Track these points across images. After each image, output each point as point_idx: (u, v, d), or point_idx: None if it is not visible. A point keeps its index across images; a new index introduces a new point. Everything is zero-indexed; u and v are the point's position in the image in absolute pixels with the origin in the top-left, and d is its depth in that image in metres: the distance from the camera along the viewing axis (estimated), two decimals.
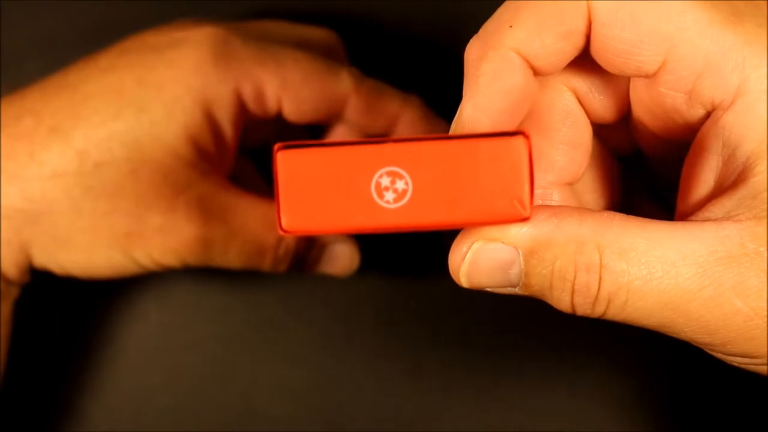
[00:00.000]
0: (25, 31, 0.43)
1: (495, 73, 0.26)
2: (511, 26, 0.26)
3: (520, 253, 0.26)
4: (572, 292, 0.26)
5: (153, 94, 0.34)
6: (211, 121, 0.35)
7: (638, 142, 0.31)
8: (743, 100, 0.25)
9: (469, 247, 0.26)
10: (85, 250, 0.34)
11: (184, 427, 0.43)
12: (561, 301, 0.26)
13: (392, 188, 0.25)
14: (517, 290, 0.27)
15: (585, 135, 0.30)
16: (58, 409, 0.42)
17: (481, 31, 0.27)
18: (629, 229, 0.25)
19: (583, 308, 0.26)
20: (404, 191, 0.25)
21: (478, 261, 0.26)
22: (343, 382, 0.43)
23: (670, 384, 0.43)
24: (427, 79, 0.42)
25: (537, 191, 0.29)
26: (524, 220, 0.24)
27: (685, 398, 0.42)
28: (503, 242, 0.26)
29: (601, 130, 0.31)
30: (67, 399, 0.42)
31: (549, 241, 0.25)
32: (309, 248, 0.37)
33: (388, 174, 0.25)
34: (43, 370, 0.42)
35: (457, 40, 0.42)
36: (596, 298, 0.26)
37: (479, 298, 0.43)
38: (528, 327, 0.43)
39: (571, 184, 0.30)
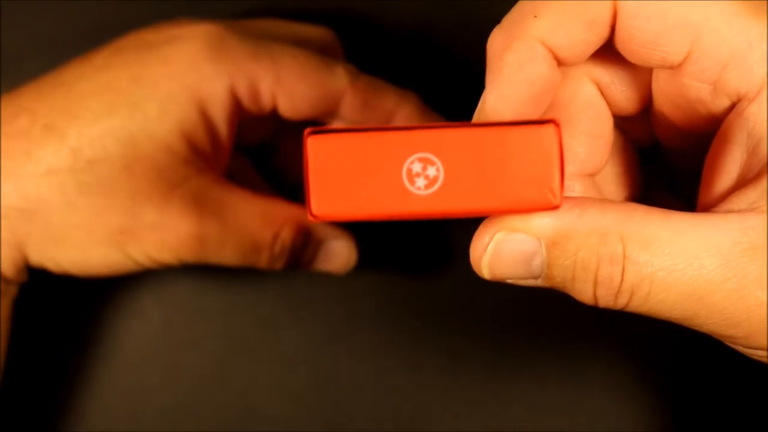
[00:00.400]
0: (25, 31, 0.43)
1: (520, 63, 0.26)
2: (535, 16, 0.26)
3: (543, 243, 0.25)
4: (595, 284, 0.26)
5: (147, 91, 0.34)
6: (205, 117, 0.35)
7: (658, 134, 0.31)
8: None
9: (491, 238, 0.26)
10: (81, 247, 0.34)
11: (183, 426, 0.42)
12: (583, 292, 0.26)
13: (423, 174, 0.24)
14: (538, 282, 0.26)
15: (606, 126, 0.30)
16: (57, 408, 0.42)
17: (505, 21, 0.27)
18: (652, 220, 0.25)
19: (605, 300, 0.26)
20: (435, 178, 0.24)
21: (501, 252, 0.26)
22: (342, 382, 0.43)
23: (672, 380, 0.42)
24: (425, 76, 0.42)
25: None
26: (554, 208, 0.24)
27: (687, 395, 0.42)
28: (526, 233, 0.25)
29: (621, 122, 0.31)
30: (66, 398, 0.42)
31: (571, 231, 0.25)
32: (305, 245, 0.37)
33: (420, 160, 0.24)
34: (42, 368, 0.42)
35: (454, 38, 0.42)
36: (619, 289, 0.25)
37: (480, 296, 0.42)
38: (528, 325, 0.43)
39: (592, 175, 0.30)
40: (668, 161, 0.32)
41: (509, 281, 0.27)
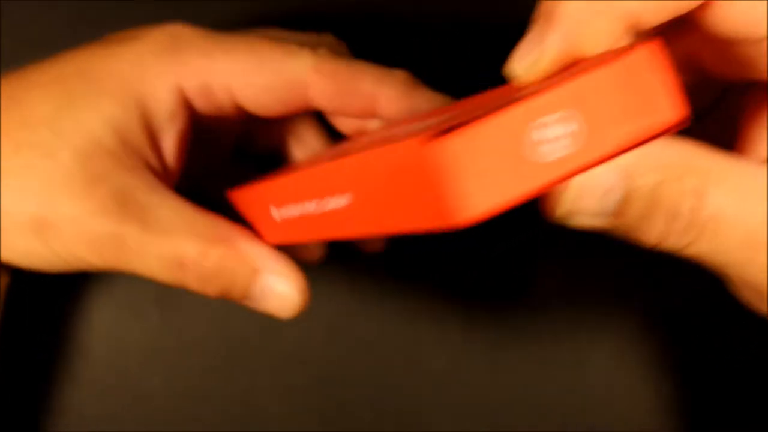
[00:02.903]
0: (25, 31, 0.43)
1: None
2: None
3: (623, 177, 0.26)
4: (670, 218, 0.26)
5: (87, 86, 0.33)
6: (144, 115, 0.34)
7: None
8: None
9: None
10: (5, 233, 0.33)
11: (183, 426, 0.43)
12: (652, 230, 0.26)
13: (554, 138, 0.22)
14: (605, 222, 0.27)
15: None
16: (57, 408, 0.42)
17: None
18: (730, 162, 0.25)
19: (674, 238, 0.26)
20: (571, 134, 0.22)
21: (579, 185, 0.26)
22: (342, 382, 0.43)
23: (679, 339, 0.43)
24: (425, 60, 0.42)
25: None
26: (685, 120, 0.23)
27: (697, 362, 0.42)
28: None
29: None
30: (66, 399, 0.42)
31: (653, 164, 0.25)
32: (237, 274, 0.33)
33: (542, 126, 0.22)
34: (42, 370, 0.42)
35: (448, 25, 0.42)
36: (690, 223, 0.26)
37: (481, 296, 0.43)
38: (529, 327, 0.43)
39: None
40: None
41: (575, 222, 0.27)
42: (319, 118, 0.38)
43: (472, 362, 0.43)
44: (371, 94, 0.35)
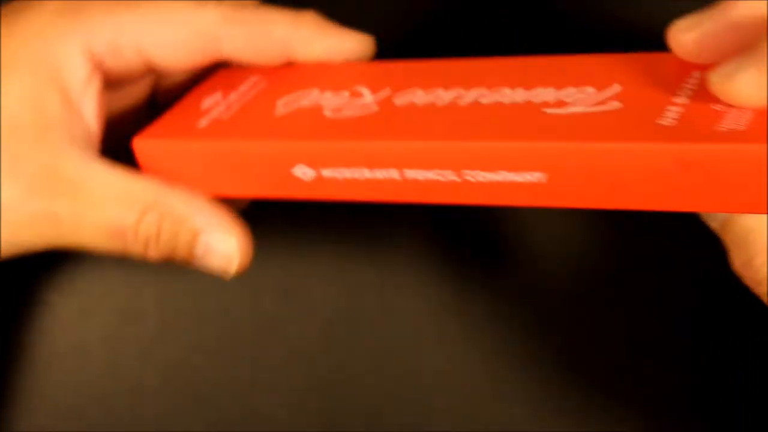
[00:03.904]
0: None
1: None
2: None
3: None
4: (746, 262, 0.28)
5: None
6: (59, 85, 0.33)
7: None
8: None
9: None
10: None
11: (183, 426, 0.43)
12: (734, 260, 0.28)
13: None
14: (714, 224, 0.29)
15: None
16: (56, 408, 0.42)
17: None
18: None
19: (747, 279, 0.28)
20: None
21: None
22: (342, 382, 0.43)
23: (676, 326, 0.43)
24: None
25: None
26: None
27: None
28: None
29: None
30: (65, 399, 0.42)
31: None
32: (178, 234, 0.33)
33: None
34: (41, 370, 0.42)
35: None
36: (762, 281, 0.27)
37: (480, 297, 0.42)
38: (529, 329, 0.43)
39: None
40: None
41: None
42: None
43: (472, 362, 0.43)
44: (283, 39, 0.34)
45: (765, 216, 0.26)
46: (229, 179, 0.32)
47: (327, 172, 0.31)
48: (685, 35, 0.28)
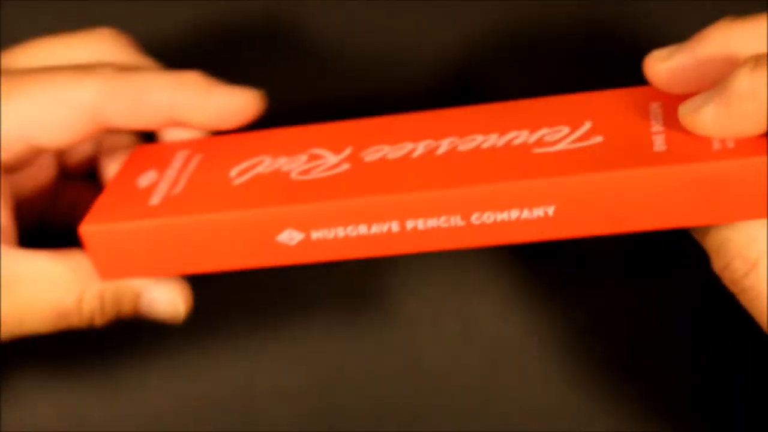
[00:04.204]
0: (25, 31, 0.43)
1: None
2: None
3: None
4: (724, 267, 0.29)
5: None
6: None
7: None
8: None
9: None
10: None
11: (183, 427, 0.43)
12: (715, 265, 0.30)
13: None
14: (696, 234, 0.31)
15: None
16: (56, 409, 0.42)
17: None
18: None
19: (726, 281, 0.30)
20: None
21: None
22: (343, 382, 0.43)
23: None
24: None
25: None
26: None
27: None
28: None
29: None
30: (65, 399, 0.42)
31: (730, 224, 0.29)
32: (120, 300, 0.33)
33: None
34: (41, 369, 0.42)
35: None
36: (737, 282, 0.29)
37: (480, 298, 0.42)
38: (529, 328, 0.43)
39: None
40: None
41: None
42: None
43: (472, 362, 0.43)
44: (166, 104, 0.33)
45: (738, 224, 0.29)
46: (200, 254, 0.31)
47: (317, 234, 0.30)
48: (660, 65, 0.30)
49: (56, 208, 0.38)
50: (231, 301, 0.43)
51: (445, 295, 0.42)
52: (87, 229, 0.31)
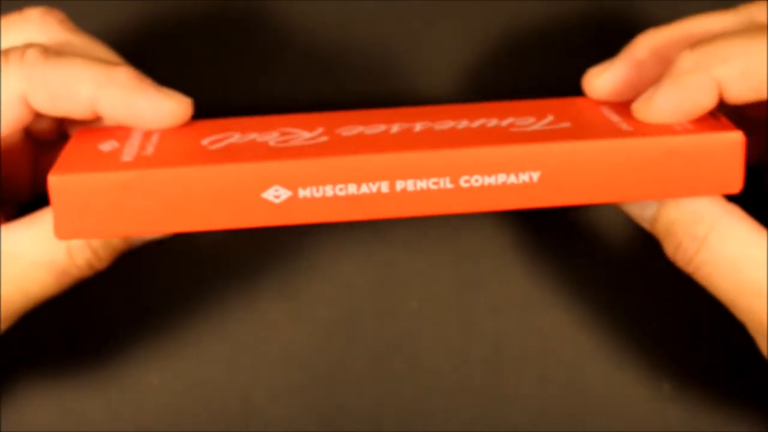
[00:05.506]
0: None
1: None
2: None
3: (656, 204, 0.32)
4: (675, 248, 0.32)
5: None
6: None
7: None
8: None
9: None
10: None
11: (183, 426, 0.42)
12: (667, 250, 0.33)
13: None
14: (646, 224, 0.33)
15: None
16: (56, 408, 0.42)
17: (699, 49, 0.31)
18: (742, 226, 0.31)
19: (680, 263, 0.32)
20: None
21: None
22: (343, 382, 0.43)
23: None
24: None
25: None
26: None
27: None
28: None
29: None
30: (65, 399, 0.42)
31: (675, 206, 0.32)
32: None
33: None
34: (40, 369, 0.42)
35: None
36: (690, 260, 0.32)
37: (479, 298, 0.42)
38: (528, 327, 0.43)
39: None
40: None
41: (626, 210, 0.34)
42: None
43: (472, 362, 0.43)
44: (89, 98, 0.32)
45: (684, 206, 0.31)
46: (179, 212, 0.29)
47: (305, 192, 0.29)
48: (597, 79, 0.33)
49: (40, 174, 0.37)
50: (231, 301, 0.43)
51: (446, 294, 0.42)
52: (56, 179, 0.29)
